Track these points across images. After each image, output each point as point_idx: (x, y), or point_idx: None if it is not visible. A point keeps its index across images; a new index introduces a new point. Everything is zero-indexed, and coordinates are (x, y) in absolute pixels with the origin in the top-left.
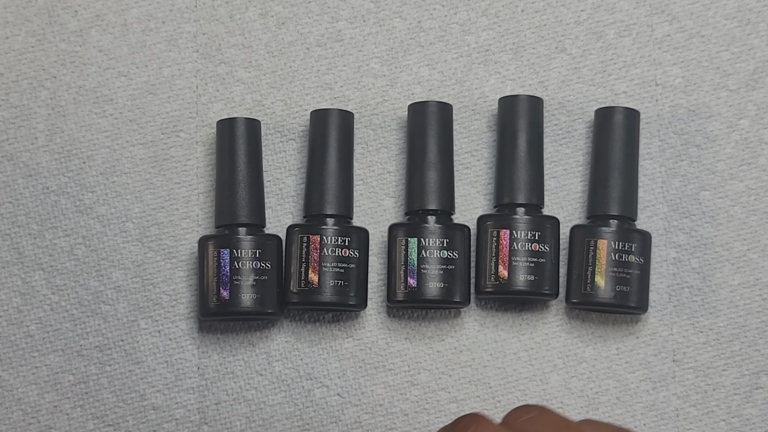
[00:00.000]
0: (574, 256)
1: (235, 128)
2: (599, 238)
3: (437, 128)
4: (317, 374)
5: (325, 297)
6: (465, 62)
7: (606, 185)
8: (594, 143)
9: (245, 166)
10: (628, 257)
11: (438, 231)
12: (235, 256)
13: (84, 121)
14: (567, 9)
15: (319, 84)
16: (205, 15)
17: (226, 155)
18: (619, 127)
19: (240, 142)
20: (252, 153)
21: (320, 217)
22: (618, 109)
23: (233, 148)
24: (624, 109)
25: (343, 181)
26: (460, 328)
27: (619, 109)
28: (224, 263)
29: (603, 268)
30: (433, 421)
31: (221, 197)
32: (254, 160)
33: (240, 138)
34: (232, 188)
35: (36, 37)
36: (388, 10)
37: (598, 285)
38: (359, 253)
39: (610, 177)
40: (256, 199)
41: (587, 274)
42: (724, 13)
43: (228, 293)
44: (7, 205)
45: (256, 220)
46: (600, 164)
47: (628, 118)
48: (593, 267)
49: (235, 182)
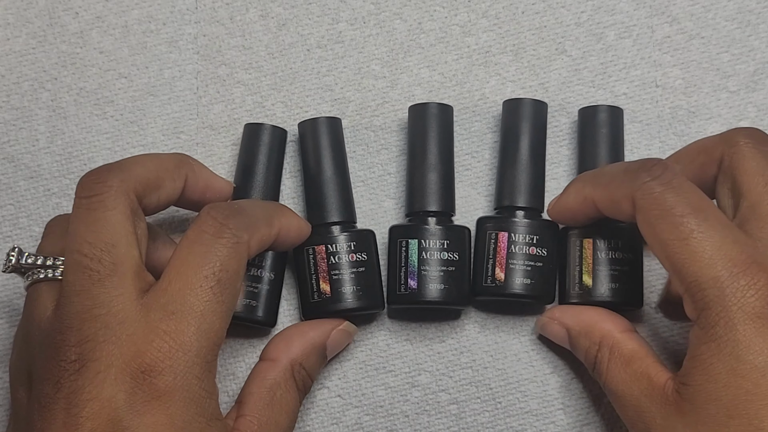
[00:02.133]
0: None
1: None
2: (585, 238)
3: (438, 130)
4: (318, 376)
5: (345, 304)
6: (465, 64)
7: None
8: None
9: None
10: (615, 254)
11: (438, 232)
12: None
13: (85, 123)
14: (567, 11)
15: (320, 85)
16: (205, 17)
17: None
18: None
19: (324, 142)
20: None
21: (326, 225)
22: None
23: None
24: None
25: (343, 186)
26: (461, 330)
27: (602, 107)
28: None
29: (590, 267)
30: (433, 423)
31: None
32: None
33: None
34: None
35: (37, 38)
36: (388, 12)
37: (586, 284)
38: (368, 256)
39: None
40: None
41: (575, 273)
42: (725, 14)
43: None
44: (9, 207)
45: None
46: None
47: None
48: (580, 266)
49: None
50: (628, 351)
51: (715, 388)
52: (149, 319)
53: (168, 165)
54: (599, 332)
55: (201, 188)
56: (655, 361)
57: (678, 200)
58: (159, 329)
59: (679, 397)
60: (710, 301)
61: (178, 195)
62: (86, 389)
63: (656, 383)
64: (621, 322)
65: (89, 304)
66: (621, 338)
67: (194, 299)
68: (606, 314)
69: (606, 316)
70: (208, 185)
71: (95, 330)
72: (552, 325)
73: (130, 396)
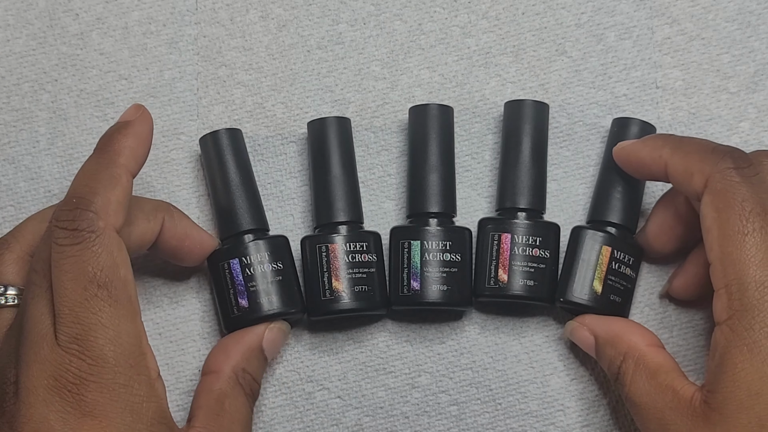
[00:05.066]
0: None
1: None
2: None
3: (438, 131)
4: (318, 377)
5: (351, 304)
6: (465, 65)
7: None
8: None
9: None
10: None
11: (440, 234)
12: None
13: (85, 125)
14: (567, 12)
15: (320, 87)
16: (205, 18)
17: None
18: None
19: (332, 142)
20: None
21: (333, 225)
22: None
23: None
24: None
25: (352, 186)
26: (461, 331)
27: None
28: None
29: (603, 274)
30: (433, 424)
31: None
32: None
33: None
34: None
35: (37, 40)
36: (388, 13)
37: (595, 290)
38: (377, 257)
39: None
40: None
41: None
42: (725, 15)
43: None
44: (9, 208)
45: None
46: None
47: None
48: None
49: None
50: (654, 364)
51: (747, 396)
52: (61, 341)
53: (144, 206)
54: (626, 343)
55: (179, 235)
56: (681, 375)
57: (751, 196)
58: (71, 349)
59: (707, 407)
60: (750, 304)
61: (152, 237)
62: (21, 412)
63: (682, 396)
64: (649, 336)
65: (22, 325)
66: (648, 351)
67: (87, 314)
68: (635, 327)
69: (635, 328)
70: (188, 234)
71: (26, 350)
72: (581, 331)
73: (62, 415)
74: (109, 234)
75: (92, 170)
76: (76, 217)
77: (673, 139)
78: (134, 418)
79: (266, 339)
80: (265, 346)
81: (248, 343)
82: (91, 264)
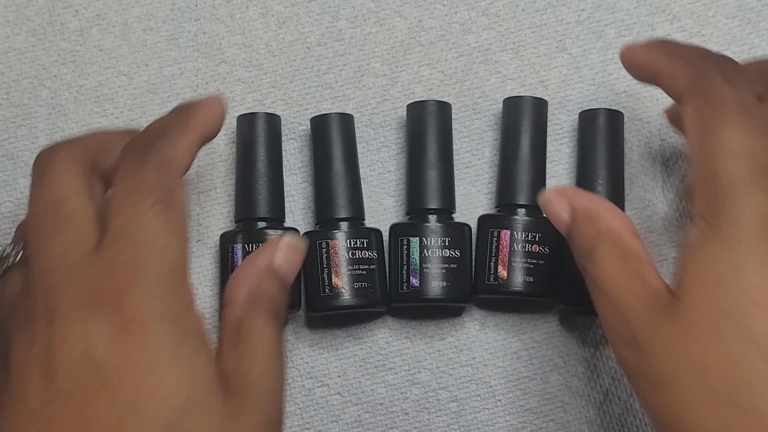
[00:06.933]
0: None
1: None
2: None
3: (436, 127)
4: (318, 373)
5: (351, 300)
6: (465, 62)
7: None
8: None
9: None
10: None
11: (439, 230)
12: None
13: (85, 121)
14: (567, 8)
15: (320, 83)
16: (205, 14)
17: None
18: None
19: (335, 138)
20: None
21: (334, 221)
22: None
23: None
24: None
25: (354, 182)
26: (461, 327)
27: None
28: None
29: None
30: (433, 420)
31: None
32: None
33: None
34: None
35: (37, 36)
36: (388, 10)
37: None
38: (377, 253)
39: None
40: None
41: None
42: (725, 12)
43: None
44: (8, 204)
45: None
46: None
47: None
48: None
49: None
50: (630, 250)
51: (714, 285)
52: (104, 257)
53: (121, 135)
54: (606, 223)
55: None
56: (654, 270)
57: (732, 96)
58: (115, 262)
59: (674, 298)
60: (724, 196)
61: None
62: (57, 337)
63: (651, 286)
64: (629, 224)
65: (48, 258)
66: (626, 236)
67: (140, 225)
68: (617, 210)
69: (617, 212)
70: None
71: (55, 281)
72: (560, 201)
73: (99, 330)
74: (175, 165)
75: (167, 121)
76: (147, 146)
77: (669, 44)
78: (173, 326)
79: (278, 258)
80: (279, 266)
81: (258, 265)
82: (151, 183)
